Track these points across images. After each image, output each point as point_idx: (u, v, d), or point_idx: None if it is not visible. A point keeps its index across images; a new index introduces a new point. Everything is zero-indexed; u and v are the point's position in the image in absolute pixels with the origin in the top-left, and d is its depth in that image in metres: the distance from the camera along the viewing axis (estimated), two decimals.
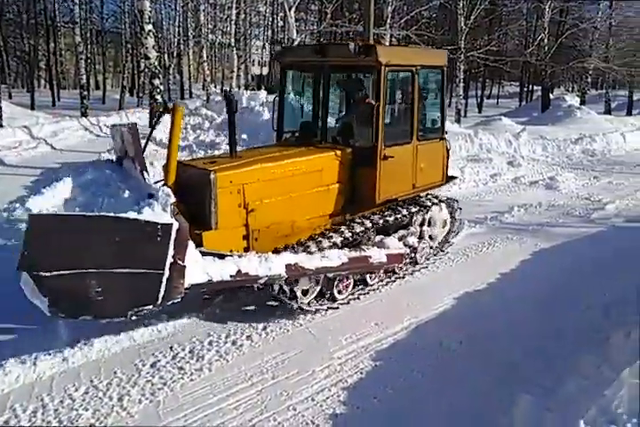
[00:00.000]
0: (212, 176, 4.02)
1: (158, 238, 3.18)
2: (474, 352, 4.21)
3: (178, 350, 4.12)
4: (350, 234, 4.84)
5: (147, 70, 11.80)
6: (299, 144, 5.28)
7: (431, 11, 26.66)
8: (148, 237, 3.16)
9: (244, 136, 8.51)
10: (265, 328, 4.46)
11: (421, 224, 5.86)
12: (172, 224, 3.21)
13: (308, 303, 4.66)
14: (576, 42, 25.32)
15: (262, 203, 4.39)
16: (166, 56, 27.72)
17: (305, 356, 4.08)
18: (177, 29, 27.88)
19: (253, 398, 3.58)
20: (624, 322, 4.46)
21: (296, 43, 14.96)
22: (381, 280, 5.34)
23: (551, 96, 24.89)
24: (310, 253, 4.41)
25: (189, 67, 29.22)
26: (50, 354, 3.91)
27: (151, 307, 3.32)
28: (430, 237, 6.02)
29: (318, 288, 4.72)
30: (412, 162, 5.45)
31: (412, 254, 5.67)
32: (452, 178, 6.39)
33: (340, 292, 4.88)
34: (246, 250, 4.32)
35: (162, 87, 11.49)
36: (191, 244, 3.49)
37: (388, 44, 17.51)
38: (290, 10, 14.81)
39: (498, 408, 3.49)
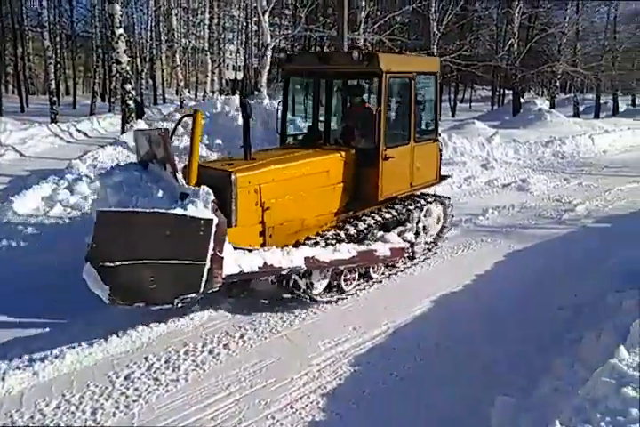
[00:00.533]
0: (233, 177, 4.26)
1: (201, 233, 3.49)
2: (451, 354, 4.25)
3: (153, 361, 4.04)
4: (357, 230, 5.22)
5: (118, 75, 11.61)
6: (305, 147, 5.60)
7: (404, 16, 26.92)
8: (192, 232, 3.47)
9: (219, 141, 8.43)
10: (242, 336, 4.41)
11: (418, 221, 6.15)
12: (212, 220, 3.51)
13: (319, 295, 4.95)
14: (545, 46, 25.96)
15: (276, 201, 4.65)
16: (138, 61, 27.35)
17: (283, 363, 4.05)
18: (149, 34, 27.57)
19: (231, 407, 3.53)
20: (595, 322, 4.56)
21: (270, 47, 14.96)
22: (383, 273, 5.65)
23: (522, 100, 25.41)
24: (324, 247, 4.76)
25: (162, 71, 28.87)
26: (19, 368, 3.79)
27: (194, 295, 3.64)
28: (426, 232, 6.32)
29: (327, 281, 4.99)
30: (409, 162, 5.84)
31: (410, 249, 5.96)
32: (445, 177, 6.80)
33: (346, 284, 5.16)
34: (262, 246, 4.54)
35: (134, 92, 11.33)
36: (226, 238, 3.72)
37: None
38: (264, 14, 14.79)
39: (476, 410, 3.52)
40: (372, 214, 5.52)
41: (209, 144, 8.50)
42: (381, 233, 5.60)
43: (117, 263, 3.31)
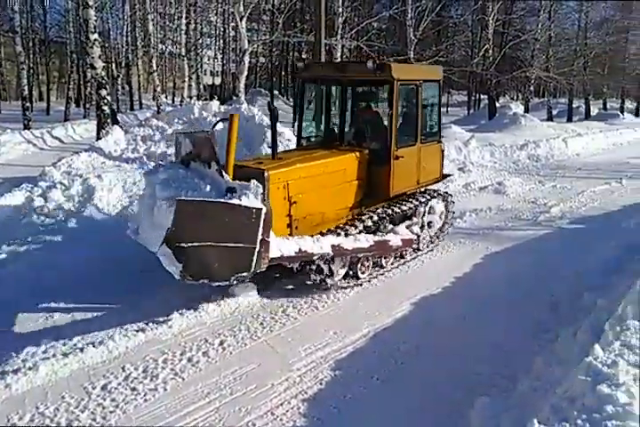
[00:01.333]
0: (266, 174, 4.66)
1: (253, 220, 4.01)
2: (432, 357, 4.27)
3: (130, 370, 3.97)
4: (372, 221, 5.73)
5: (93, 81, 11.46)
6: (321, 148, 6.08)
7: (381, 22, 27.24)
8: (245, 219, 3.99)
9: None
10: (222, 343, 4.36)
11: (423, 215, 6.63)
12: (262, 209, 4.04)
13: (339, 281, 5.40)
14: (518, 52, 26.48)
15: (301, 196, 5.11)
16: (114, 66, 27.00)
17: (263, 369, 4.01)
18: (125, 39, 27.26)
19: (211, 415, 3.48)
20: (571, 321, 4.64)
21: (248, 53, 14.95)
22: (392, 264, 6.12)
23: (497, 104, 25.90)
24: (346, 236, 5.27)
25: (139, 77, 28.55)
26: None
27: (246, 274, 4.21)
28: (430, 226, 6.80)
29: (345, 269, 5.45)
30: (416, 161, 6.38)
31: (416, 241, 6.42)
32: (447, 175, 7.43)
33: (362, 272, 5.63)
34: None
35: (109, 98, 11.18)
36: None
37: (339, 54, 17.78)
38: (241, 20, 14.78)
39: (457, 412, 3.54)
40: (384, 209, 6.00)
41: None
42: (391, 226, 6.07)
43: (189, 245, 3.85)
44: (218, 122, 5.22)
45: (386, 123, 6.15)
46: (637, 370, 3.01)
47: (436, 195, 6.89)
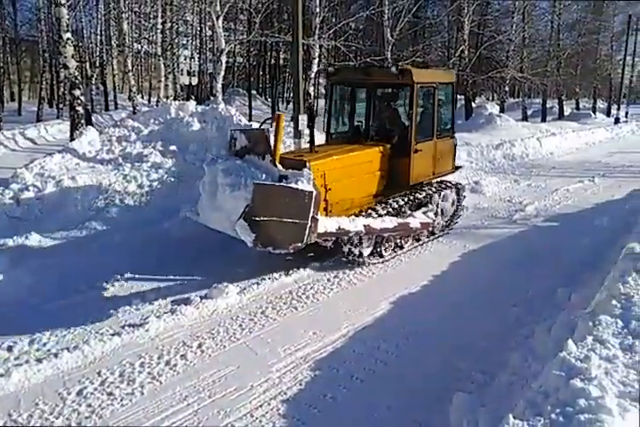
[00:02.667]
0: (308, 164, 5.23)
1: (306, 201, 4.81)
2: (411, 355, 4.30)
3: (107, 375, 3.91)
4: (398, 205, 6.49)
5: (66, 80, 11.22)
6: (350, 142, 6.79)
7: (359, 22, 27.32)
8: (301, 200, 4.79)
9: (173, 147, 8.25)
10: (200, 346, 4.32)
11: (437, 203, 7.30)
12: (313, 192, 4.85)
13: (367, 257, 6.14)
14: (494, 53, 26.84)
15: (336, 184, 5.71)
16: (88, 65, 26.48)
17: (243, 371, 3.99)
18: (99, 38, 26.75)
19: (189, 419, 3.45)
20: (546, 317, 4.73)
21: (225, 52, 14.84)
22: (411, 244, 6.83)
23: (473, 104, 26.22)
24: (375, 217, 6.01)
25: (114, 77, 28.02)
26: None
27: (300, 244, 4.98)
28: (443, 213, 7.47)
29: (371, 248, 6.17)
30: (432, 154, 7.11)
31: (432, 226, 7.11)
32: (459, 167, 8.21)
33: (385, 251, 6.37)
34: None
35: (83, 98, 10.95)
36: None
37: (317, 54, 17.78)
38: (217, 19, 14.65)
39: (435, 408, 3.58)
40: (404, 196, 6.68)
41: (163, 150, 8.31)
42: (409, 212, 6.74)
43: (261, 219, 4.67)
44: (266, 120, 6.03)
45: (404, 120, 7.00)
46: (609, 364, 3.09)
47: (449, 185, 7.61)
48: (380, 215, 6.14)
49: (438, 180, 7.53)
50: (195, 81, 38.84)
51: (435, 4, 29.31)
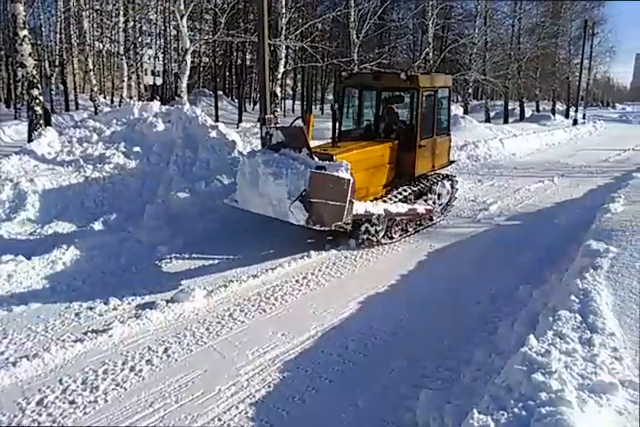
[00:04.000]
0: (334, 157, 6.11)
1: (345, 186, 5.63)
2: (379, 354, 4.33)
3: (69, 383, 3.79)
4: (409, 192, 7.44)
5: (24, 80, 10.84)
6: (362, 138, 7.62)
7: (325, 23, 27.44)
8: (341, 186, 5.62)
9: (137, 149, 8.06)
10: (166, 350, 4.24)
11: (436, 192, 8.25)
12: (350, 179, 5.66)
13: (381, 238, 7.02)
14: (457, 56, 27.43)
15: (356, 175, 5.99)
16: (47, 64, 25.68)
17: (210, 375, 3.93)
18: (58, 36, 25.95)
19: (155, 425, 3.38)
20: (509, 313, 4.86)
21: (190, 52, 14.64)
22: (415, 228, 7.74)
23: None
24: (391, 204, 6.97)
25: (74, 76, 27.22)
26: None
27: (339, 223, 5.82)
28: (440, 201, 8.42)
29: (384, 231, 7.03)
30: (432, 149, 8.00)
31: (432, 212, 8.01)
32: (453, 161, 9.27)
33: (395, 233, 7.28)
34: None
35: (42, 98, 10.61)
36: None
37: (284, 55, 17.76)
38: (182, 18, 14.45)
39: (402, 406, 3.61)
40: (409, 186, 7.56)
41: (126, 151, 8.12)
42: (414, 200, 7.67)
43: (314, 201, 5.55)
44: (296, 119, 6.72)
45: (409, 119, 7.93)
46: (569, 358, 3.18)
47: (444, 177, 8.57)
48: (394, 202, 7.09)
49: (436, 172, 8.49)
50: (159, 81, 38.18)
51: (400, 7, 29.67)
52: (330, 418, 3.53)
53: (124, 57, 21.19)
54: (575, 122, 28.66)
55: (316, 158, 5.88)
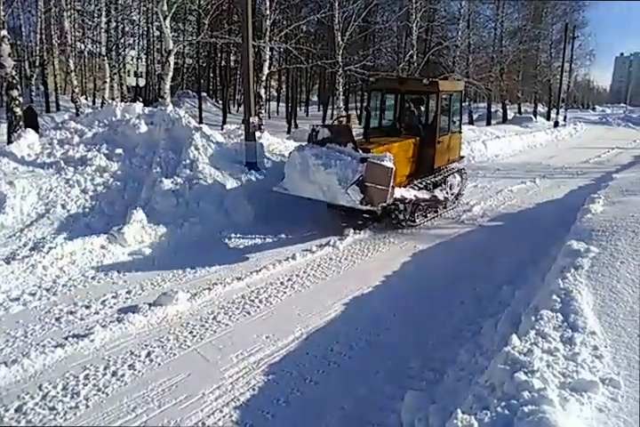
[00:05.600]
0: (371, 151, 7.06)
1: (389, 174, 6.62)
2: (364, 355, 4.34)
3: (49, 389, 3.73)
4: (431, 181, 8.51)
5: (2, 80, 10.67)
6: (388, 135, 8.53)
7: (310, 25, 27.46)
8: (386, 173, 6.62)
9: (119, 150, 7.95)
10: (149, 354, 4.19)
11: (449, 183, 9.22)
12: (393, 168, 6.66)
13: (407, 221, 8.04)
14: (441, 58, 27.64)
15: None
16: (27, 65, 25.29)
17: (194, 379, 3.90)
18: (39, 36, 25.56)
19: None
20: (492, 313, 4.89)
21: (173, 53, 14.53)
22: (434, 213, 8.77)
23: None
24: (418, 190, 8.03)
25: (55, 77, 26.84)
26: None
27: (384, 204, 6.88)
28: (452, 191, 9.34)
29: (408, 215, 8.01)
30: (448, 145, 9.08)
31: (446, 201, 9.13)
32: (463, 157, 10.33)
33: (417, 217, 8.22)
34: None
35: (21, 99, 10.45)
36: None
37: (268, 56, 17.73)
38: (165, 20, 14.32)
39: (388, 407, 3.62)
40: (429, 177, 8.51)
41: (108, 153, 8.01)
42: (432, 189, 8.58)
43: (368, 185, 6.53)
44: (339, 117, 8.09)
45: (428, 119, 8.84)
46: (550, 357, 3.22)
47: (456, 170, 9.57)
48: (420, 189, 8.09)
49: (448, 166, 9.42)
50: (142, 82, 37.83)
51: (384, 10, 29.77)
52: (315, 420, 3.51)
53: (106, 58, 20.97)
54: (556, 124, 29.08)
55: (361, 151, 6.79)
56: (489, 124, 29.39)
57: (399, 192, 7.30)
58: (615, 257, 4.73)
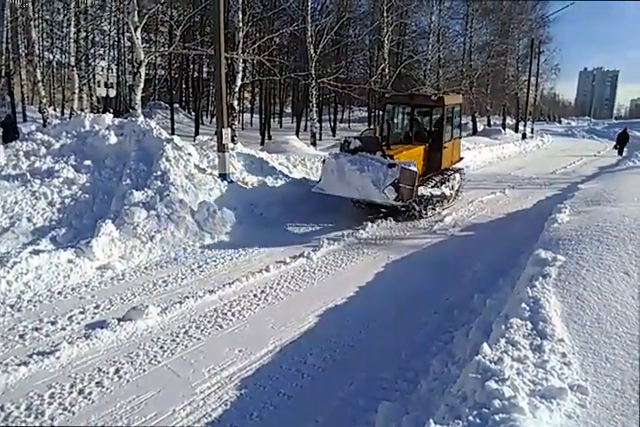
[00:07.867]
0: (394, 157, 8.62)
1: (414, 176, 8.28)
2: (338, 367, 4.31)
3: (11, 409, 3.58)
4: (438, 180, 10.15)
5: None
6: (402, 142, 10.15)
7: (283, 38, 27.64)
8: (411, 175, 8.24)
9: (87, 162, 7.79)
10: (117, 371, 4.08)
11: (451, 181, 10.79)
12: (417, 171, 8.34)
13: (419, 213, 9.48)
14: (412, 71, 28.17)
15: None
16: None
17: (164, 395, 3.80)
18: (4, 46, 24.99)
19: None
20: (464, 322, 4.94)
21: (144, 64, 14.41)
22: (440, 207, 10.27)
23: None
24: (432, 188, 9.73)
25: (22, 87, 26.25)
26: None
27: (410, 200, 8.60)
28: (453, 189, 10.82)
29: (420, 208, 9.44)
30: (451, 150, 10.89)
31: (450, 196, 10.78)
32: (462, 158, 12.10)
33: (426, 211, 9.66)
34: None
35: None
36: None
37: (241, 68, 17.75)
38: (136, 30, 14.20)
39: (361, 419, 3.59)
40: (437, 177, 10.19)
41: (76, 165, 7.84)
42: (440, 187, 10.10)
43: (401, 185, 8.06)
44: (366, 130, 9.79)
45: (435, 128, 10.52)
46: (520, 364, 3.26)
47: (456, 170, 11.33)
48: (432, 187, 9.66)
49: (451, 167, 11.15)
50: (113, 93, 37.34)
51: (356, 24, 30.27)
52: None
53: (75, 68, 20.61)
54: (524, 136, 29.90)
55: (389, 158, 8.34)
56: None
57: (419, 191, 8.78)
58: (581, 265, 4.84)
